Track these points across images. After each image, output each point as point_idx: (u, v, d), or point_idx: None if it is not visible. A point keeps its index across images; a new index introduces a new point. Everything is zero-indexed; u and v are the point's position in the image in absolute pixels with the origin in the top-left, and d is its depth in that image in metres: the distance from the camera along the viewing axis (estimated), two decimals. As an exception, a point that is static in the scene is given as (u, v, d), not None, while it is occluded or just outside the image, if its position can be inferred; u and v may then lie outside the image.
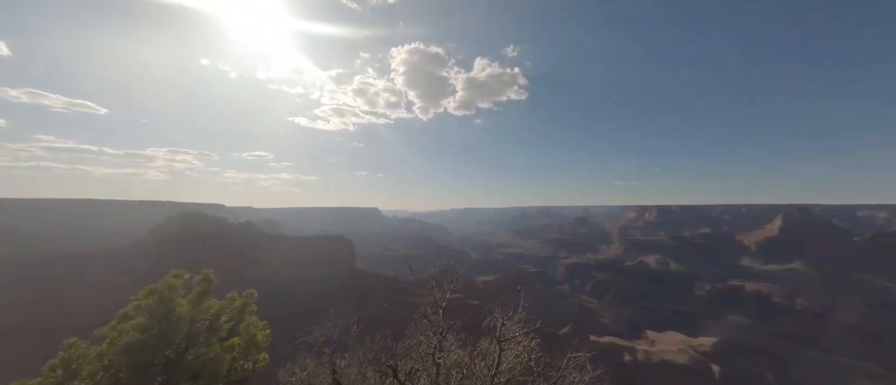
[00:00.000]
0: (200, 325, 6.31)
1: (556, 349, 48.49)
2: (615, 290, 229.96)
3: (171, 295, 6.08)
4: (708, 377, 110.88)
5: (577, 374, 6.08)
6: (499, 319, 6.41)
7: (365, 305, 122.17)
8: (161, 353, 5.58)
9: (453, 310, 45.51)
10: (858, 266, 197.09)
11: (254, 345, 6.67)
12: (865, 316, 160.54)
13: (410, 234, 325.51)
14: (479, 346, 6.41)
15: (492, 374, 5.40)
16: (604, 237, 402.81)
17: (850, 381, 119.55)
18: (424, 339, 6.08)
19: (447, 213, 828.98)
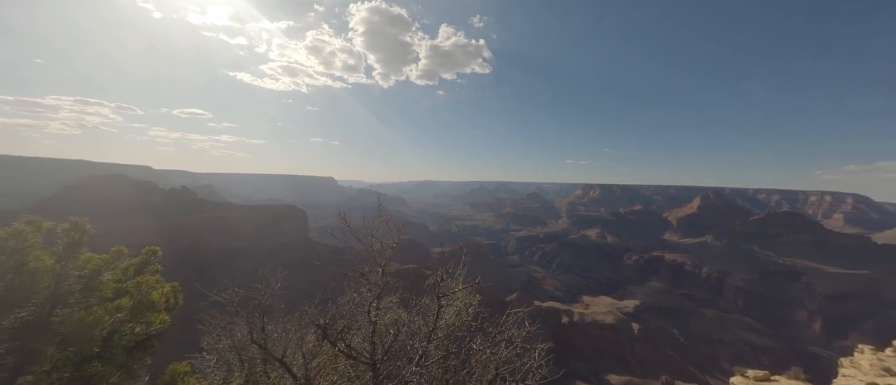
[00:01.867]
0: (73, 282, 5.31)
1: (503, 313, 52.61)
2: (559, 260, 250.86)
3: (22, 245, 4.95)
4: (629, 333, 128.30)
5: (516, 329, 6.71)
6: (439, 277, 6.60)
7: (320, 276, 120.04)
8: (8, 314, 4.62)
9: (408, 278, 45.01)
10: (752, 240, 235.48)
11: (148, 305, 5.75)
12: (752, 280, 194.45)
13: (367, 205, 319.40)
14: (419, 304, 6.63)
15: (430, 330, 5.64)
16: (553, 212, 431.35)
17: (734, 332, 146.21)
18: (357, 296, 5.89)
19: (405, 185, 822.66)
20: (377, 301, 5.68)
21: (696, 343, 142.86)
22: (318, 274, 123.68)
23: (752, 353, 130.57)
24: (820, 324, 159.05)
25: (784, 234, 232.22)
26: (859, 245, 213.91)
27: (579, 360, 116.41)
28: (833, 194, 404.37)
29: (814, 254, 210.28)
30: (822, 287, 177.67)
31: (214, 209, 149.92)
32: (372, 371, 4.84)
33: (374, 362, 4.87)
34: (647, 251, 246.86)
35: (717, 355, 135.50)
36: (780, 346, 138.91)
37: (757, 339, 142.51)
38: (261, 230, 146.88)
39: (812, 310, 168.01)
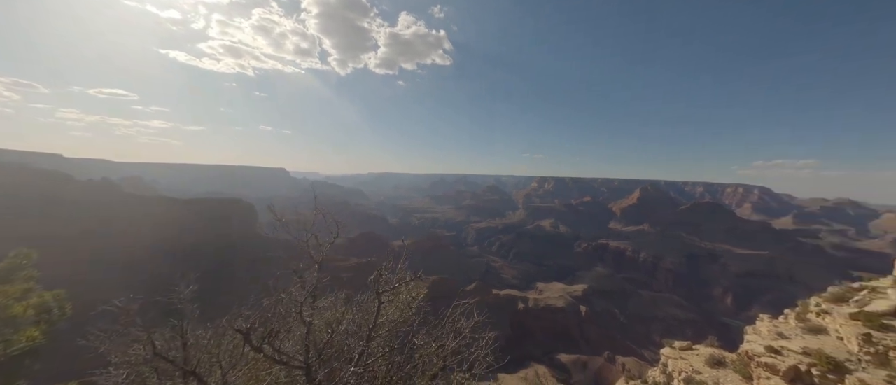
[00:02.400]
0: None
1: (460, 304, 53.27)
2: (516, 250, 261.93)
3: None
4: (577, 315, 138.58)
5: (465, 320, 6.77)
6: (379, 272, 6.12)
7: (267, 274, 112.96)
8: None
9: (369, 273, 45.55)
10: (681, 227, 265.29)
11: (7, 321, 4.70)
12: (680, 263, 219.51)
13: (324, 197, 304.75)
14: (359, 301, 6.35)
15: (370, 327, 5.33)
16: (511, 204, 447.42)
17: (665, 309, 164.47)
18: (285, 297, 5.41)
19: (364, 177, 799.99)
20: (312, 300, 5.22)
21: (634, 321, 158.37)
22: (265, 273, 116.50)
23: (678, 327, 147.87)
24: (731, 298, 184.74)
25: (706, 222, 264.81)
26: (762, 230, 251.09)
27: (534, 343, 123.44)
28: (744, 186, 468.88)
29: (728, 238, 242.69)
30: (734, 267, 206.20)
31: (142, 203, 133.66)
32: (306, 375, 4.56)
33: (308, 365, 4.58)
34: (595, 239, 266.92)
35: (651, 331, 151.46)
36: (701, 319, 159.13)
37: (682, 314, 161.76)
38: (200, 226, 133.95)
39: (725, 286, 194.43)
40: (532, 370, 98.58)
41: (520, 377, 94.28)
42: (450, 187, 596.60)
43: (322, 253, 6.13)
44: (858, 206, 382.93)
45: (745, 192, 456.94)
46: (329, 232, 6.92)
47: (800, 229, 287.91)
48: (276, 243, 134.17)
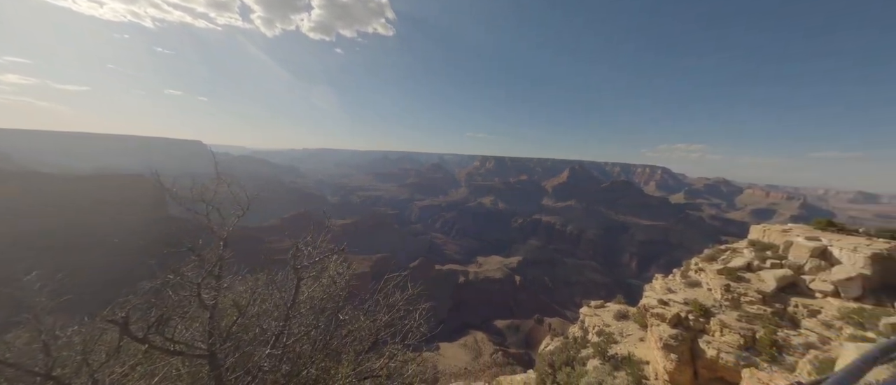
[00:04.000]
0: None
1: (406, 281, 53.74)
2: (459, 226, 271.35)
3: None
4: (513, 284, 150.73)
5: (400, 293, 6.85)
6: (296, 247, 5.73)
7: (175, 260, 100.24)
8: None
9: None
10: (601, 203, 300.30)
11: None
12: (599, 234, 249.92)
13: (251, 174, 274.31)
14: (276, 280, 5.60)
15: (288, 306, 4.96)
16: (454, 182, 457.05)
17: (585, 274, 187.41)
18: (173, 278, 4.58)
19: (299, 153, 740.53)
20: (216, 280, 4.58)
21: (560, 286, 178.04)
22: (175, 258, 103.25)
23: (595, 289, 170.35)
24: (636, 262, 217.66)
25: (620, 198, 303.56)
26: (661, 204, 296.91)
27: (474, 313, 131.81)
28: (650, 167, 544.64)
29: (636, 211, 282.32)
30: (639, 236, 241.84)
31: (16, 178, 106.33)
32: (209, 363, 4.09)
33: (213, 353, 4.10)
34: (530, 215, 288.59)
35: (574, 294, 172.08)
36: (612, 281, 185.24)
37: (599, 277, 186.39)
38: (96, 208, 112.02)
39: (632, 252, 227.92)
40: (471, 337, 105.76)
41: (460, 344, 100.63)
42: (394, 165, 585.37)
43: (227, 228, 5.20)
44: (729, 184, 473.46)
45: (650, 172, 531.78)
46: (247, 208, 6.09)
47: (688, 203, 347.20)
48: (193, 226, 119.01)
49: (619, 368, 13.63)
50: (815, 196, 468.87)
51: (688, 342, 13.84)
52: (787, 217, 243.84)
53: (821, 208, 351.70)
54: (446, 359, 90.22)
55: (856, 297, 12.36)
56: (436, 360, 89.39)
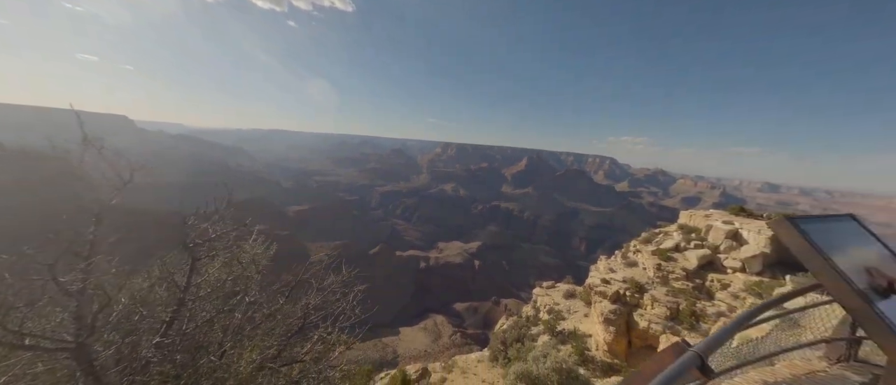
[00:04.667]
0: None
1: (369, 266, 54.04)
2: (420, 213, 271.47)
3: None
4: (472, 269, 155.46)
5: (334, 275, 6.26)
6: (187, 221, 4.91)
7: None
8: None
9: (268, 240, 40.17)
10: (556, 190, 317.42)
11: None
12: (553, 220, 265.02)
13: (189, 155, 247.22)
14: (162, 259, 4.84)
15: (181, 290, 4.39)
16: (415, 168, 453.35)
17: (539, 258, 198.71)
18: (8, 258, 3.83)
19: (248, 133, 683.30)
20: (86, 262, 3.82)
21: (516, 269, 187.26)
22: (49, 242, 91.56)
23: (548, 271, 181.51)
24: (584, 245, 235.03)
25: (573, 186, 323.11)
26: (608, 192, 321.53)
27: (434, 297, 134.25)
28: (600, 157, 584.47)
29: (587, 198, 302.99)
30: (588, 221, 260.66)
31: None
32: (75, 358, 3.45)
33: (81, 345, 3.45)
34: (489, 201, 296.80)
35: (528, 276, 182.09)
36: (564, 264, 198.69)
37: (552, 260, 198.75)
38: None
39: (581, 236, 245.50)
40: (432, 320, 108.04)
41: (420, 328, 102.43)
42: (354, 150, 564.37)
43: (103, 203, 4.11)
44: (665, 174, 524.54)
45: (600, 162, 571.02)
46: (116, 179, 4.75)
47: (631, 191, 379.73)
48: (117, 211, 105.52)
49: (565, 342, 14.82)
50: (732, 186, 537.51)
51: (625, 316, 15.39)
52: (710, 204, 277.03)
53: (736, 196, 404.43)
54: (407, 342, 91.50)
55: (758, 272, 14.52)
56: (396, 344, 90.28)
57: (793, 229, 2.02)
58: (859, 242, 2.42)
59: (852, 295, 1.76)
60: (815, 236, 2.03)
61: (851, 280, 1.81)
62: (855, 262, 2.02)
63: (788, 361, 3.74)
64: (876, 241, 2.55)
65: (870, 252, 2.34)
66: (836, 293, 1.84)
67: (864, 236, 2.54)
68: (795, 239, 2.00)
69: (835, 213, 2.60)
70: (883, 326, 1.64)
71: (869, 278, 1.95)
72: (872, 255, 2.30)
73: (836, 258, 1.95)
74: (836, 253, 2.01)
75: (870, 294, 1.80)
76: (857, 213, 10.33)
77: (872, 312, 1.68)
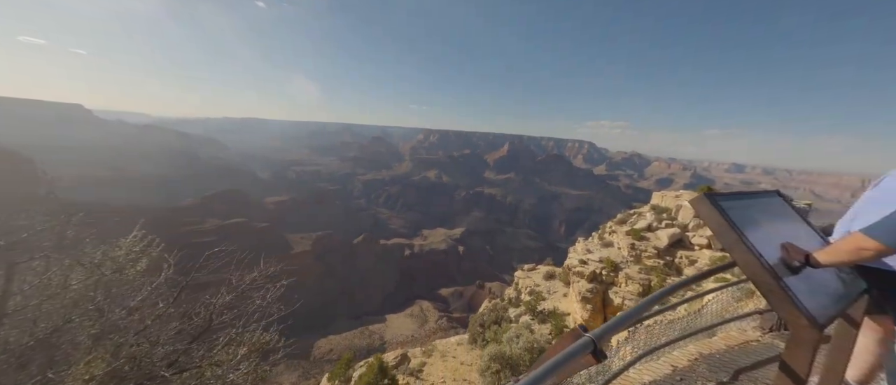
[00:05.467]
0: None
1: (351, 257, 53.83)
2: (404, 200, 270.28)
3: None
4: (457, 254, 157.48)
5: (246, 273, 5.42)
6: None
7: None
8: None
9: (236, 234, 40.86)
10: (537, 175, 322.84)
11: None
12: (534, 204, 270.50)
13: (158, 147, 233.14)
14: None
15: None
16: (397, 156, 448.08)
17: (522, 241, 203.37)
18: None
19: (220, 123, 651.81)
20: None
21: (500, 253, 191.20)
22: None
23: (530, 254, 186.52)
24: (564, 227, 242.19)
25: (553, 170, 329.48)
26: (586, 176, 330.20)
27: (420, 283, 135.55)
28: (578, 141, 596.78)
29: (567, 182, 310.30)
30: (568, 204, 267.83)
31: None
32: None
33: None
34: (472, 187, 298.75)
35: (511, 259, 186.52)
36: (545, 246, 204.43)
37: (533, 243, 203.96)
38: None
39: (561, 219, 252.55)
40: (418, 306, 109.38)
41: (407, 314, 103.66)
42: (333, 138, 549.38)
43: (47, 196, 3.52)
44: (641, 157, 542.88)
45: (578, 147, 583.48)
46: None
47: (609, 174, 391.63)
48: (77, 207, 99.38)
49: (545, 321, 15.45)
50: (702, 167, 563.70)
51: (601, 294, 16.14)
52: (681, 185, 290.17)
53: (706, 177, 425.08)
54: (394, 329, 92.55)
55: (721, 248, 15.50)
56: (383, 331, 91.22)
57: (710, 206, 1.97)
58: (780, 219, 2.34)
59: (761, 270, 1.75)
60: (733, 213, 1.98)
61: (761, 255, 1.80)
62: (771, 239, 1.99)
63: (725, 333, 4.08)
64: (798, 217, 2.48)
65: (789, 228, 2.28)
66: (746, 268, 1.84)
67: (787, 213, 2.47)
68: (713, 215, 1.96)
69: (762, 190, 2.51)
70: (786, 300, 1.67)
71: (783, 254, 1.93)
72: (791, 231, 2.24)
73: (753, 234, 1.92)
74: (753, 229, 1.96)
75: (779, 269, 1.80)
76: (815, 190, 11.30)
77: (777, 287, 1.69)
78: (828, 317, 1.73)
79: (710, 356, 3.47)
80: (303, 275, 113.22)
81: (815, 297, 1.77)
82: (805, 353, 1.66)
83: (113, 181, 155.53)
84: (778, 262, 1.84)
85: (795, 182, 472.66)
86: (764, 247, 1.87)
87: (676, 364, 3.30)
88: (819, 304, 1.74)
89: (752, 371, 3.21)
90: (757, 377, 3.16)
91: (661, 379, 3.13)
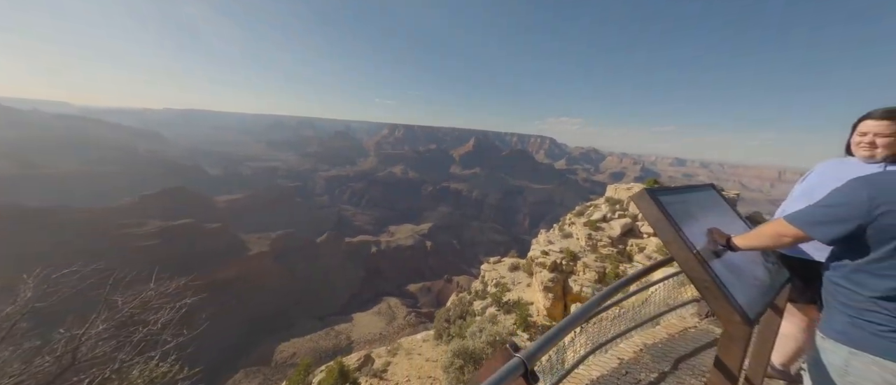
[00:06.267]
0: None
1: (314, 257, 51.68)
2: (369, 197, 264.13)
3: None
4: (424, 250, 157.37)
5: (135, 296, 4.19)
6: None
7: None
8: None
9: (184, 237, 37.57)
10: (502, 169, 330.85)
11: None
12: (500, 198, 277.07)
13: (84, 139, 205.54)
14: None
15: None
16: (362, 151, 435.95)
17: (488, 235, 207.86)
18: None
19: (159, 114, 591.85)
20: None
21: (467, 247, 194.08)
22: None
23: (496, 247, 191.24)
24: (528, 220, 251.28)
25: (517, 165, 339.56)
26: (548, 170, 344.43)
27: (387, 280, 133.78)
28: (540, 137, 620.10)
29: (530, 176, 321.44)
30: (531, 197, 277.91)
31: None
32: None
33: None
34: (439, 182, 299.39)
35: (478, 252, 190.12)
36: (510, 239, 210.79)
37: (499, 237, 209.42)
38: None
39: (525, 212, 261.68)
40: (385, 304, 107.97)
41: (374, 312, 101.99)
42: (292, 132, 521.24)
43: None
44: (597, 152, 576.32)
45: (541, 142, 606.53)
46: None
47: (568, 169, 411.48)
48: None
49: (510, 312, 15.85)
50: (650, 162, 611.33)
51: (561, 283, 16.84)
52: (632, 178, 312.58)
53: (653, 170, 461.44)
54: (361, 327, 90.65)
55: (665, 236, 16.76)
56: (350, 331, 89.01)
57: (650, 202, 1.99)
58: (713, 211, 2.41)
59: (697, 266, 1.77)
60: (671, 208, 2.01)
61: (693, 245, 1.82)
62: (703, 230, 2.04)
63: (667, 322, 4.34)
64: (729, 208, 2.61)
65: (721, 219, 2.35)
66: (683, 265, 1.85)
67: (719, 204, 2.56)
68: (652, 211, 1.98)
69: (698, 184, 2.60)
70: (720, 297, 1.70)
71: (708, 238, 1.96)
72: (722, 221, 2.33)
73: (689, 229, 1.94)
74: (689, 224, 2.00)
75: (707, 256, 1.83)
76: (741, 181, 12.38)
77: (712, 283, 1.71)
78: (757, 311, 1.78)
79: (654, 346, 3.64)
80: (262, 277, 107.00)
81: (746, 292, 1.82)
82: (738, 348, 1.72)
83: (25, 178, 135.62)
84: (704, 247, 1.88)
85: (726, 174, 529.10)
86: (699, 240, 1.91)
87: (622, 356, 3.43)
88: (749, 299, 1.79)
89: (691, 359, 3.37)
90: (694, 365, 3.32)
91: (608, 373, 3.20)
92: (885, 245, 1.44)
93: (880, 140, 1.97)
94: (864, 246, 1.50)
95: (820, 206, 1.61)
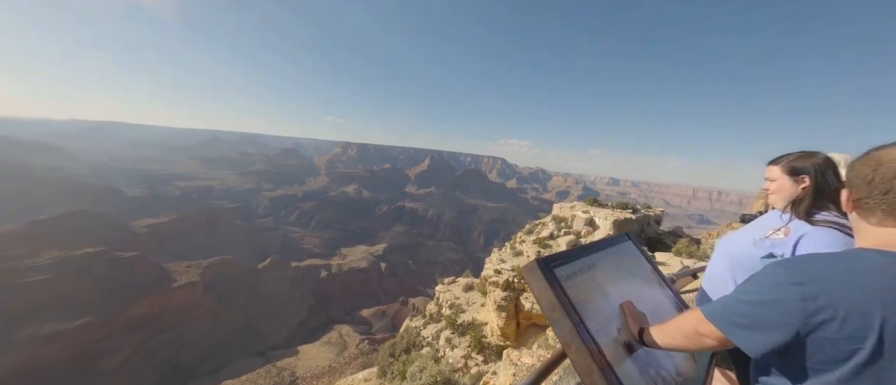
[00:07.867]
0: None
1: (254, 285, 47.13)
2: (319, 217, 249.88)
3: None
4: (378, 271, 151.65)
5: None
6: None
7: None
8: None
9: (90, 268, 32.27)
10: (457, 189, 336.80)
11: None
12: (454, 217, 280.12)
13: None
14: None
15: None
16: (312, 170, 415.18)
17: (444, 254, 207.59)
18: None
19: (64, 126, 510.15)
20: None
21: (422, 267, 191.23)
22: None
23: (451, 266, 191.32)
24: (482, 239, 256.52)
25: (472, 184, 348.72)
26: (501, 189, 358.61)
27: (338, 306, 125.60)
28: (493, 157, 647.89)
29: (483, 195, 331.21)
30: (485, 216, 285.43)
31: None
32: None
33: None
34: (394, 202, 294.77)
35: (434, 272, 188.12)
36: (465, 258, 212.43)
37: (454, 256, 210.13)
38: None
39: (480, 231, 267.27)
40: (335, 332, 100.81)
41: (323, 342, 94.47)
42: (230, 149, 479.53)
43: None
44: (544, 172, 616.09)
45: (493, 162, 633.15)
46: None
47: (519, 188, 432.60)
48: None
49: (465, 334, 15.71)
50: (589, 181, 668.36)
51: (513, 301, 17.21)
52: (575, 196, 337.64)
53: (592, 189, 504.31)
54: (307, 360, 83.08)
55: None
56: (295, 366, 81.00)
57: (542, 280, 1.44)
58: (628, 272, 1.97)
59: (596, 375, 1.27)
60: (571, 286, 1.50)
61: (595, 345, 1.34)
62: (614, 306, 1.60)
63: None
64: (647, 264, 2.19)
65: (635, 282, 1.93)
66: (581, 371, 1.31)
67: (636, 261, 2.14)
68: (545, 294, 1.43)
69: (613, 236, 2.20)
70: None
71: (619, 323, 1.53)
72: (636, 285, 1.91)
73: (594, 307, 1.50)
74: (596, 298, 1.56)
75: (615, 355, 1.38)
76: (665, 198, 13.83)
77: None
78: None
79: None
80: (189, 312, 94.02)
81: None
82: None
83: None
84: (614, 340, 1.45)
85: (653, 192, 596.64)
86: (608, 322, 1.48)
87: None
88: None
89: None
90: None
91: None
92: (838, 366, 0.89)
93: (771, 185, 1.83)
94: (804, 368, 0.96)
95: (741, 300, 1.10)
